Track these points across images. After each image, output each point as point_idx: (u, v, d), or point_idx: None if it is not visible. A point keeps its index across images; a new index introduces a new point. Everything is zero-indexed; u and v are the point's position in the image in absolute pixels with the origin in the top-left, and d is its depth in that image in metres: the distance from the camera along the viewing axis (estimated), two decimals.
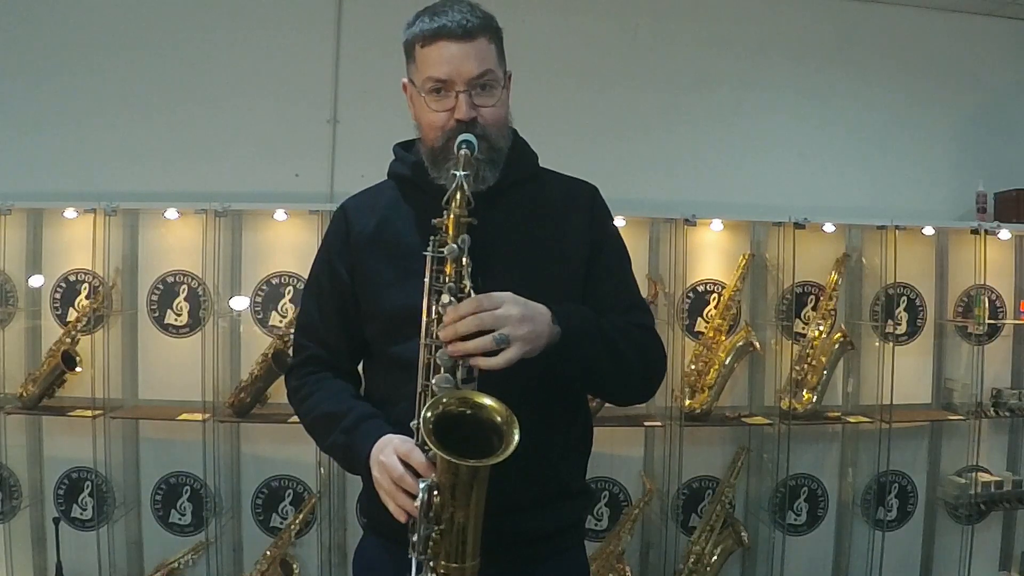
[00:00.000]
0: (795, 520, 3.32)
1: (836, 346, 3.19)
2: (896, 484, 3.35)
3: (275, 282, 3.12)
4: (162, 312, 3.10)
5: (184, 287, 3.10)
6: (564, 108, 3.19)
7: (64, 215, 3.00)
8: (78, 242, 3.01)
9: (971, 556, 3.24)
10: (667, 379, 3.05)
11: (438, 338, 1.19)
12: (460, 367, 1.18)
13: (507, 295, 1.19)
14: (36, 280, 3.04)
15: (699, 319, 3.25)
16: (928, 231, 3.28)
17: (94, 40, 3.10)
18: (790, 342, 3.22)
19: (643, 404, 3.12)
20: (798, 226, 3.11)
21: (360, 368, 1.49)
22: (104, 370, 2.95)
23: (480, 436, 1.14)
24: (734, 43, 3.36)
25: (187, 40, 3.12)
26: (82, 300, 3.04)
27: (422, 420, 1.13)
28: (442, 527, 1.14)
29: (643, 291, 2.24)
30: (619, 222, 2.83)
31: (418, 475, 1.16)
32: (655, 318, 1.48)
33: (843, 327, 3.24)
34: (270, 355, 2.95)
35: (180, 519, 3.10)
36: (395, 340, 1.31)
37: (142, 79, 3.10)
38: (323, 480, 3.04)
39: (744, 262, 3.18)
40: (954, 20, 3.48)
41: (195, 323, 3.09)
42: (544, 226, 1.38)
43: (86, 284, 3.05)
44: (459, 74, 1.26)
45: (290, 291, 3.11)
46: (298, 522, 3.02)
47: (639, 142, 3.30)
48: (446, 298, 1.19)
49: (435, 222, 1.22)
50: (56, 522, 2.91)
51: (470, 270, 1.20)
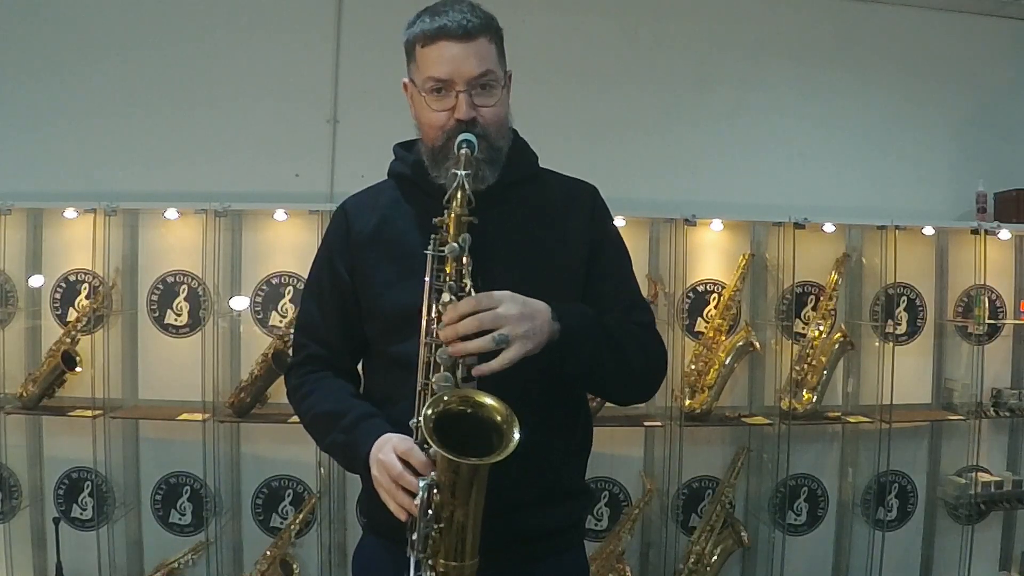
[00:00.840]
0: (795, 520, 3.32)
1: (836, 346, 3.19)
2: (896, 484, 3.35)
3: (275, 282, 3.12)
4: (162, 312, 3.10)
5: (184, 287, 3.10)
6: (564, 108, 3.19)
7: (64, 215, 3.00)
8: (78, 242, 3.01)
9: (971, 556, 3.24)
10: (667, 379, 3.03)
11: (438, 337, 1.19)
12: (460, 366, 1.18)
13: (506, 294, 1.19)
14: (36, 280, 3.04)
15: (699, 319, 3.25)
16: (928, 231, 3.28)
17: (94, 40, 3.10)
18: (790, 342, 3.22)
19: (643, 404, 3.17)
20: (798, 226, 3.11)
21: (360, 367, 1.49)
22: (104, 370, 2.95)
23: (480, 435, 1.14)
24: (734, 43, 3.36)
25: (187, 40, 3.12)
26: (82, 300, 3.04)
27: (423, 418, 1.13)
28: (441, 525, 1.14)
29: (643, 291, 2.24)
30: (619, 222, 2.83)
31: (417, 474, 1.16)
32: (655, 318, 1.48)
33: (843, 327, 3.24)
34: (270, 355, 2.95)
35: (180, 519, 3.10)
36: (395, 339, 1.31)
37: (142, 79, 3.10)
38: (323, 480, 3.04)
39: (744, 262, 3.18)
40: (954, 20, 3.48)
41: (195, 323, 3.09)
42: (544, 226, 1.38)
43: (86, 284, 3.05)
44: (459, 74, 1.26)
45: (290, 291, 3.11)
46: (298, 522, 3.02)
47: (639, 142, 3.30)
48: (447, 297, 1.19)
49: (436, 221, 1.22)
50: (56, 522, 2.91)
51: (471, 269, 1.20)
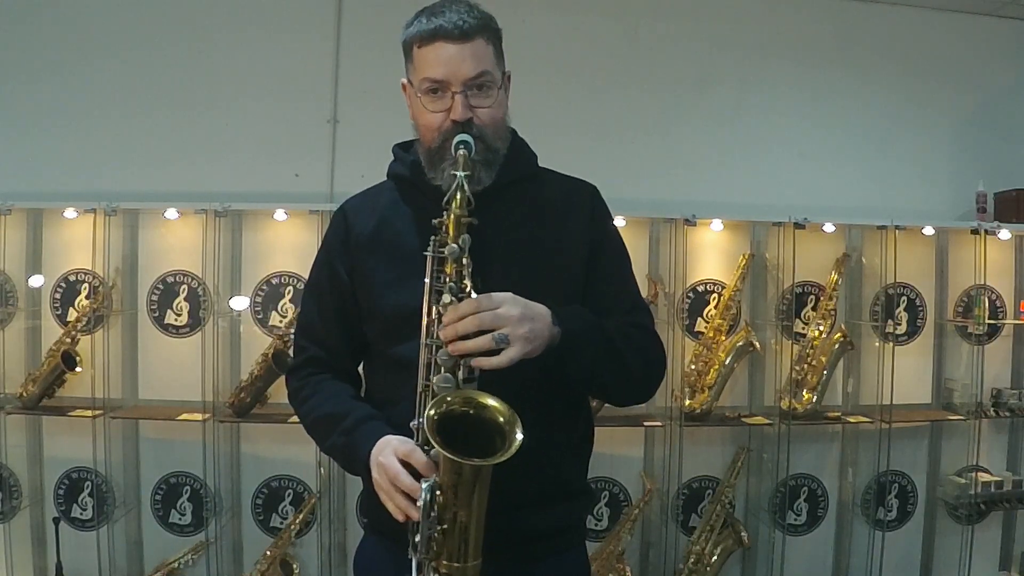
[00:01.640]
0: (795, 520, 3.32)
1: (836, 346, 3.19)
2: (896, 484, 3.35)
3: (275, 282, 3.12)
4: (162, 312, 3.10)
5: (184, 287, 3.10)
6: (564, 108, 3.19)
7: (64, 215, 3.00)
8: (78, 242, 3.01)
9: (971, 556, 3.24)
10: (667, 379, 3.05)
11: (438, 338, 1.19)
12: (461, 367, 1.18)
13: (507, 295, 1.19)
14: (36, 280, 3.04)
15: (699, 319, 3.25)
16: (928, 231, 3.28)
17: (94, 40, 3.10)
18: (790, 342, 3.22)
19: (643, 404, 3.17)
20: (798, 226, 3.11)
21: (361, 369, 1.49)
22: (104, 370, 2.95)
23: (482, 436, 1.14)
24: (734, 43, 3.36)
25: (187, 40, 3.12)
26: (82, 300, 3.04)
27: (425, 419, 1.12)
28: (444, 527, 1.14)
29: (643, 291, 2.24)
30: (619, 222, 2.83)
31: (419, 476, 1.16)
32: (655, 318, 1.48)
33: (843, 327, 3.24)
34: (270, 355, 2.95)
35: (180, 519, 3.10)
36: (395, 340, 1.31)
37: (142, 79, 3.10)
38: (323, 480, 3.04)
39: (744, 262, 3.18)
40: (954, 20, 3.48)
41: (195, 323, 3.09)
42: (543, 225, 1.38)
43: (86, 284, 3.05)
44: (455, 75, 1.26)
45: (290, 291, 3.11)
46: (298, 522, 3.02)
47: (639, 142, 3.30)
48: (447, 298, 1.19)
49: (435, 222, 1.22)
50: (56, 522, 2.91)
51: (470, 270, 1.20)
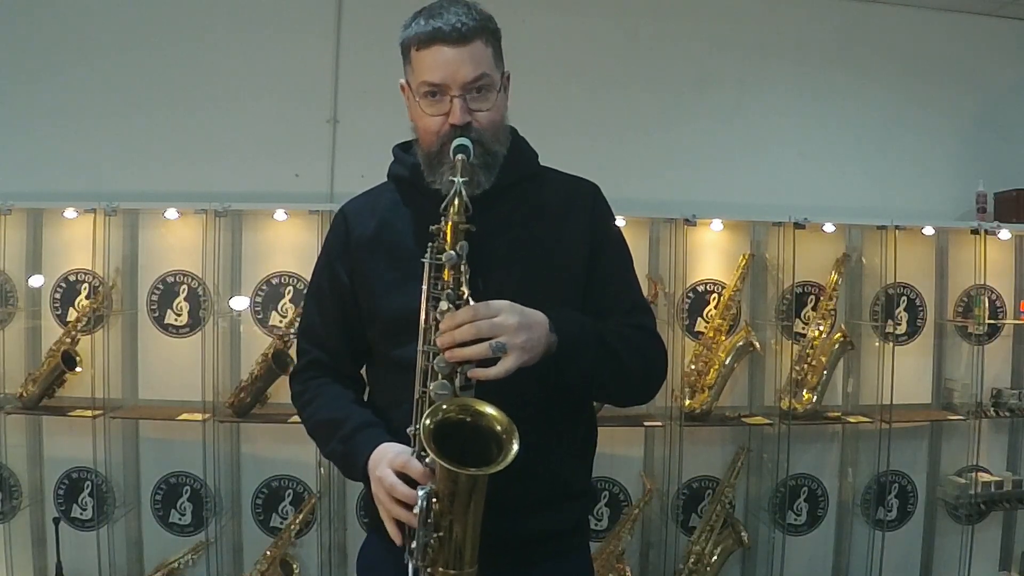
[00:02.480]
0: (795, 520, 3.32)
1: (836, 346, 3.19)
2: (896, 484, 3.35)
3: (275, 282, 3.12)
4: (162, 312, 3.10)
5: (184, 287, 3.10)
6: (564, 108, 3.19)
7: (64, 215, 3.00)
8: (78, 242, 3.01)
9: (971, 556, 3.24)
10: (667, 379, 3.04)
11: (436, 344, 1.18)
12: (458, 374, 1.17)
13: (505, 303, 1.18)
14: (36, 280, 3.04)
15: (699, 319, 3.25)
16: (928, 231, 3.28)
17: (94, 40, 3.10)
18: (790, 342, 3.22)
19: (643, 405, 3.16)
20: (798, 226, 3.11)
21: (364, 372, 1.49)
22: (104, 370, 2.95)
23: (479, 444, 1.14)
24: (734, 43, 3.36)
25: (187, 40, 3.12)
26: (82, 300, 3.04)
27: (421, 427, 1.12)
28: (440, 534, 1.13)
29: (643, 291, 2.24)
30: (619, 222, 2.81)
31: (416, 485, 1.16)
32: (655, 318, 1.48)
33: (843, 327, 3.24)
34: (270, 355, 2.95)
35: (180, 519, 3.10)
36: (396, 343, 1.31)
37: (142, 79, 3.10)
38: (323, 480, 3.04)
39: (744, 262, 3.18)
40: (954, 20, 3.48)
41: (195, 323, 3.09)
42: (544, 225, 1.37)
43: (86, 284, 3.05)
44: (453, 79, 1.25)
45: (290, 291, 3.11)
46: (298, 522, 3.02)
47: (639, 142, 3.30)
48: (444, 304, 1.18)
49: (433, 229, 1.21)
50: (56, 522, 2.91)
51: (468, 276, 1.19)
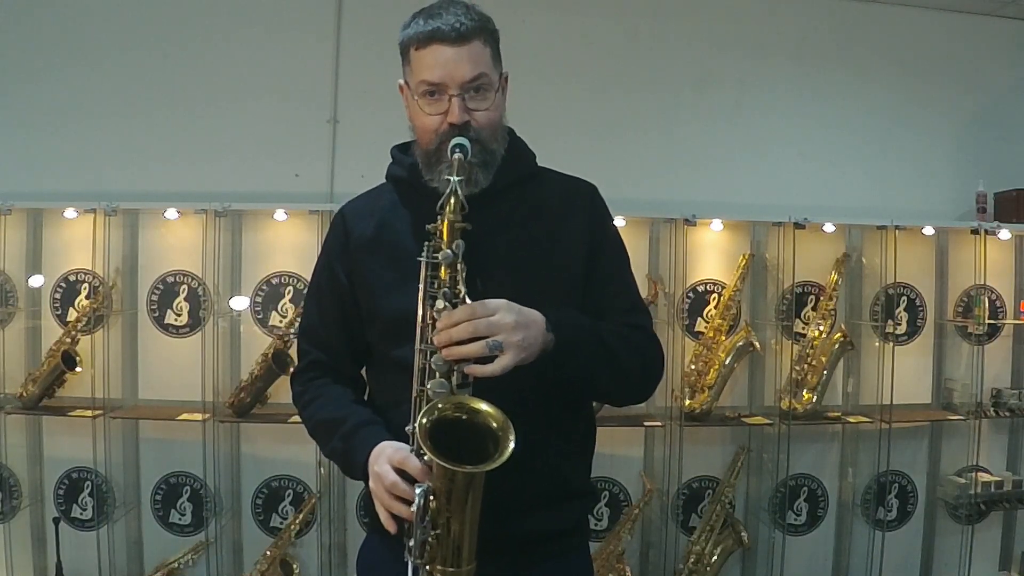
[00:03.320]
0: (795, 520, 3.32)
1: (836, 346, 3.19)
2: (896, 484, 3.35)
3: (275, 282, 3.12)
4: (162, 312, 3.10)
5: (184, 287, 3.10)
6: (564, 108, 3.19)
7: (64, 215, 3.00)
8: (78, 242, 3.01)
9: (971, 556, 3.24)
10: (667, 379, 3.06)
11: (433, 343, 1.18)
12: (455, 372, 1.17)
13: (502, 302, 1.18)
14: (36, 280, 3.04)
15: (699, 319, 3.25)
16: (928, 231, 3.28)
17: (94, 40, 3.10)
18: (790, 342, 3.22)
19: (643, 404, 3.16)
20: (798, 226, 3.11)
21: (364, 371, 1.49)
22: (104, 370, 2.95)
23: (476, 441, 1.14)
24: (734, 43, 3.36)
25: (187, 40, 3.12)
26: (82, 300, 3.04)
27: (418, 425, 1.13)
28: (438, 531, 1.14)
29: (643, 291, 2.24)
30: (619, 222, 2.83)
31: (413, 482, 1.16)
32: (654, 318, 1.49)
33: (843, 327, 3.24)
34: (270, 355, 2.95)
35: (180, 519, 3.10)
36: (396, 343, 1.31)
37: (142, 79, 3.10)
38: (323, 480, 3.04)
39: (744, 262, 3.18)
40: (954, 20, 3.48)
41: (195, 323, 3.09)
42: (543, 225, 1.37)
43: (86, 284, 3.05)
44: (452, 78, 1.25)
45: (290, 291, 3.11)
46: (298, 522, 3.02)
47: (639, 142, 3.30)
48: (440, 303, 1.19)
49: (429, 228, 1.22)
50: (56, 522, 2.91)
51: (465, 275, 1.19)
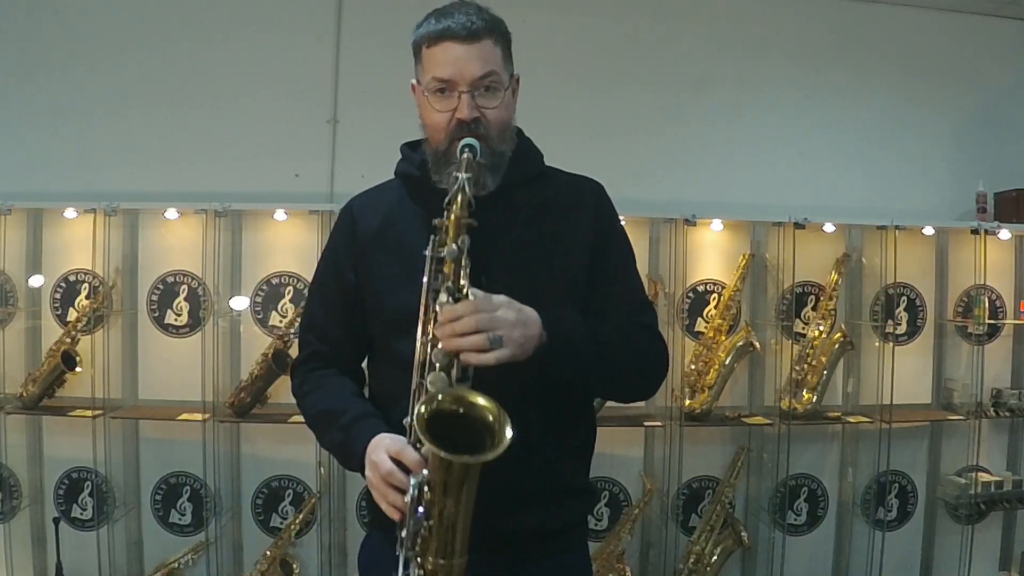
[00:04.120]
0: (795, 520, 3.32)
1: (836, 346, 3.19)
2: (896, 484, 3.35)
3: (275, 282, 3.12)
4: (162, 312, 3.10)
5: (184, 287, 3.10)
6: (564, 108, 3.19)
7: (64, 215, 3.00)
8: (78, 242, 3.01)
9: (971, 556, 3.24)
10: (667, 379, 3.04)
11: (435, 336, 1.19)
12: (455, 366, 1.18)
13: (503, 298, 1.19)
14: (36, 280, 3.04)
15: (699, 319, 3.25)
16: (928, 231, 3.28)
17: (94, 40, 3.10)
18: (790, 342, 3.22)
19: (643, 404, 3.17)
20: (798, 226, 3.11)
21: (365, 366, 1.49)
22: (104, 370, 2.95)
23: (473, 435, 1.14)
24: (734, 43, 3.36)
25: (187, 40, 3.12)
26: (82, 300, 3.04)
27: (415, 416, 1.13)
28: (431, 522, 1.14)
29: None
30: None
31: (409, 472, 1.17)
32: (658, 317, 1.49)
33: (843, 327, 3.24)
34: (270, 355, 2.95)
35: (180, 519, 3.10)
36: (398, 337, 1.31)
37: (142, 79, 3.10)
38: (323, 480, 3.04)
39: (744, 262, 3.18)
40: (954, 20, 3.48)
41: (195, 323, 3.09)
42: (549, 224, 1.38)
43: (86, 284, 3.05)
44: (462, 75, 1.27)
45: (290, 291, 3.11)
46: (298, 522, 3.02)
47: (639, 142, 3.30)
48: (443, 297, 1.19)
49: (435, 223, 1.23)
50: (56, 522, 2.91)
51: (469, 271, 1.20)
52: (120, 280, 3.06)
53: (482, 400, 1.15)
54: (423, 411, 1.13)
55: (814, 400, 3.16)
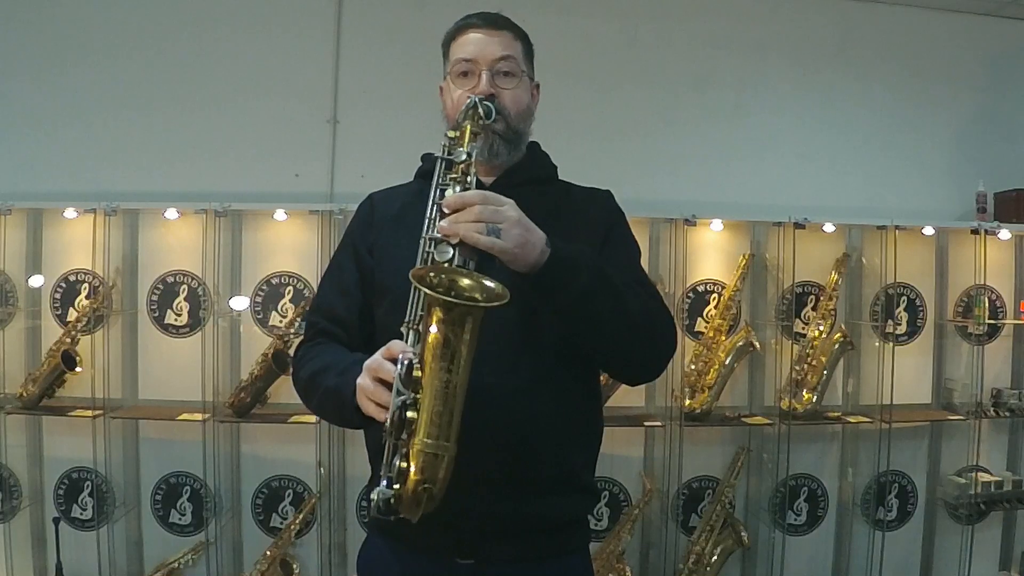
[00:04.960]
0: (795, 520, 3.32)
1: (836, 346, 3.19)
2: (896, 484, 3.35)
3: (275, 282, 3.12)
4: (162, 312, 3.10)
5: (184, 287, 3.10)
6: (564, 109, 3.16)
7: (64, 215, 3.00)
8: (78, 242, 3.01)
9: (971, 556, 3.24)
10: (667, 379, 3.06)
11: (437, 233, 1.19)
12: (457, 257, 1.17)
13: (510, 200, 1.21)
14: (36, 280, 3.04)
15: (699, 319, 3.24)
16: (928, 231, 3.28)
17: (94, 40, 3.10)
18: (790, 342, 3.22)
19: (643, 404, 3.17)
20: (798, 226, 3.11)
21: None
22: (104, 370, 2.95)
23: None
24: (734, 43, 3.36)
25: (187, 40, 3.12)
26: (82, 300, 3.04)
27: (413, 271, 1.12)
28: (420, 396, 1.10)
29: None
30: None
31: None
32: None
33: (843, 327, 3.24)
34: (270, 355, 2.95)
35: (180, 519, 3.10)
36: (403, 316, 1.31)
37: (142, 79, 3.10)
38: (323, 480, 3.04)
39: (744, 262, 3.18)
40: (954, 20, 3.49)
41: (195, 323, 3.09)
42: (561, 225, 1.38)
43: (86, 284, 3.05)
44: (483, 55, 1.38)
45: (290, 291, 3.10)
46: (298, 522, 3.02)
47: (639, 142, 3.30)
48: (450, 191, 1.22)
49: (448, 133, 1.29)
50: (56, 522, 2.91)
51: (475, 176, 1.25)
52: (120, 280, 3.06)
53: (469, 280, 1.15)
54: (419, 271, 1.13)
55: (814, 400, 3.16)
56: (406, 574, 1.22)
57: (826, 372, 3.18)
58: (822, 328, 3.21)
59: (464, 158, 1.24)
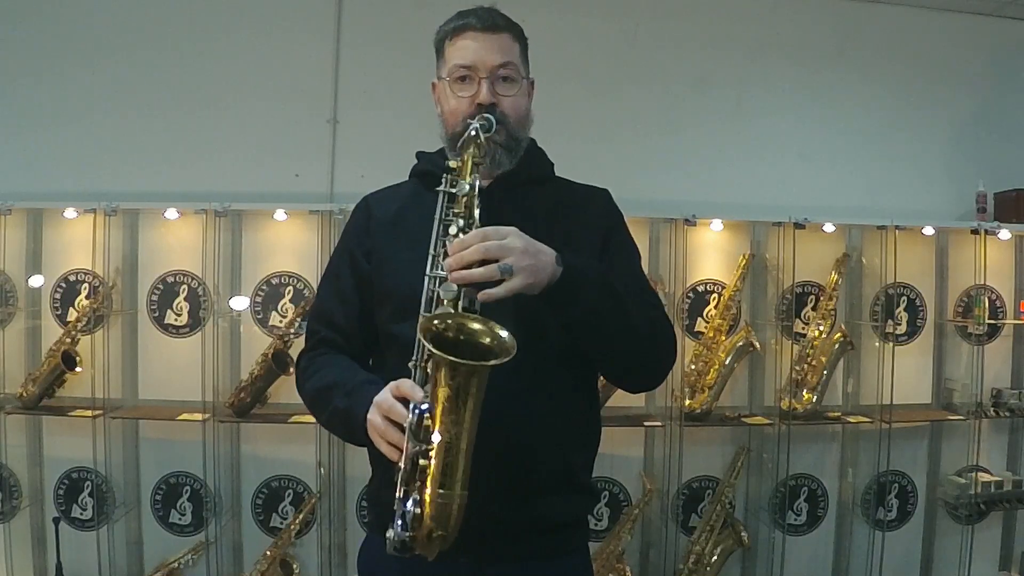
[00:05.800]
0: (795, 520, 3.32)
1: (836, 346, 3.19)
2: (896, 484, 3.35)
3: (275, 282, 3.12)
4: (162, 312, 3.10)
5: (184, 287, 3.10)
6: (564, 109, 3.17)
7: (64, 215, 3.00)
8: (78, 242, 3.01)
9: (971, 556, 3.24)
10: (667, 379, 3.05)
11: (443, 270, 1.20)
12: (463, 297, 1.17)
13: (512, 228, 1.20)
14: (36, 280, 3.04)
15: (699, 319, 3.24)
16: (928, 231, 3.28)
17: (94, 40, 3.10)
18: (790, 342, 3.22)
19: (643, 404, 3.17)
20: (798, 226, 3.11)
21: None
22: (104, 370, 2.95)
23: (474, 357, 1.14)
24: (734, 43, 3.36)
25: (187, 40, 3.12)
26: (82, 300, 3.04)
27: (420, 327, 1.12)
28: (430, 448, 1.12)
29: None
30: None
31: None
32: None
33: (843, 327, 3.24)
34: (270, 355, 2.95)
35: (180, 519, 3.10)
36: (403, 319, 1.31)
37: (142, 79, 3.10)
38: (323, 480, 3.04)
39: (744, 262, 3.18)
40: (954, 20, 3.48)
41: (195, 323, 3.09)
42: (561, 224, 1.40)
43: (86, 284, 3.05)
44: (482, 62, 1.35)
45: (290, 291, 3.10)
46: (298, 522, 3.02)
47: (639, 142, 3.30)
48: (454, 229, 1.22)
49: (449, 163, 1.27)
50: (56, 522, 2.91)
51: (480, 207, 1.23)
52: (120, 280, 3.06)
53: (478, 324, 1.15)
54: (431, 321, 1.13)
55: (814, 400, 3.16)
56: (406, 574, 1.22)
57: (826, 372, 3.18)
58: (822, 328, 3.21)
59: (467, 190, 1.23)
